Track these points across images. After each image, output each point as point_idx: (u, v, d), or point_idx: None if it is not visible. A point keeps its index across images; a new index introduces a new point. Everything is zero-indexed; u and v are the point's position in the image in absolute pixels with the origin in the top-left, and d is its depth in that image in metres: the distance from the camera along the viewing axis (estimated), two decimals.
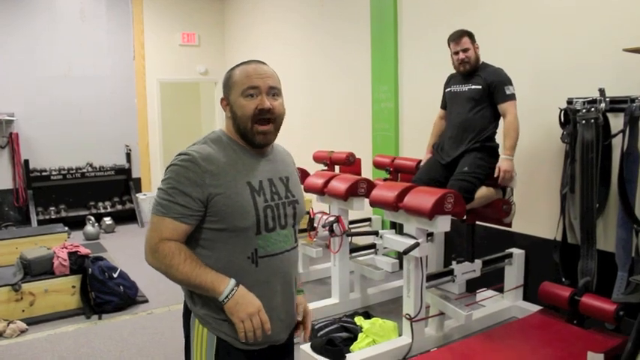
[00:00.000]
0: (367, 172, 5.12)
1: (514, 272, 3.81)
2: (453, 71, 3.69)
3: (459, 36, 3.51)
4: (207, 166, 1.44)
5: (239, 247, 1.48)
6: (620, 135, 3.09)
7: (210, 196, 1.43)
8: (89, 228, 6.59)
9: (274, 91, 1.52)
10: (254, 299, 1.45)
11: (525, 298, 3.84)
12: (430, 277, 3.33)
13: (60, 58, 7.20)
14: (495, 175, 3.40)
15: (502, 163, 3.39)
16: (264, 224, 1.50)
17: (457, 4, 4.36)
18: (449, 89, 3.72)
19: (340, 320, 3.50)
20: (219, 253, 1.48)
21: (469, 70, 3.54)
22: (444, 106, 3.85)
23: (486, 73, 3.49)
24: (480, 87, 3.47)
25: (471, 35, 3.52)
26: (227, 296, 1.42)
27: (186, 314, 1.58)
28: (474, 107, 3.51)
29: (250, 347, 1.52)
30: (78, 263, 4.16)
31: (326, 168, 5.01)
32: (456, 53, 3.53)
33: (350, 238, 3.99)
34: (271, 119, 1.50)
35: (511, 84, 3.42)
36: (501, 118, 3.50)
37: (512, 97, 3.40)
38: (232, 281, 1.44)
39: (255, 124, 1.49)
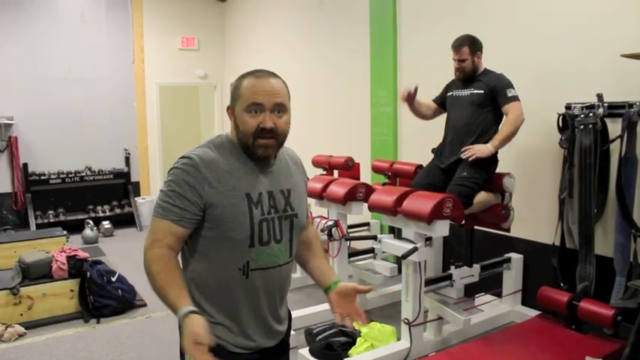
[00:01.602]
0: (366, 176, 5.12)
1: (512, 277, 3.81)
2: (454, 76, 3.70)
3: (459, 45, 3.52)
4: (207, 173, 1.44)
5: (231, 257, 1.48)
6: (618, 140, 3.11)
7: (208, 204, 1.44)
8: (88, 232, 6.58)
9: (279, 108, 1.48)
10: (195, 330, 1.29)
11: (524, 302, 3.85)
12: (429, 282, 3.33)
13: (59, 61, 7.19)
14: (464, 150, 3.41)
15: (480, 145, 3.39)
16: (259, 237, 1.49)
17: (456, 10, 4.38)
18: (450, 93, 3.72)
19: (339, 325, 3.49)
20: (212, 261, 1.49)
21: (462, 77, 3.58)
22: (436, 100, 3.83)
23: (488, 78, 3.51)
24: (482, 92, 3.49)
25: (472, 45, 3.51)
26: (180, 319, 1.35)
27: None
28: (475, 112, 3.52)
29: (243, 351, 1.53)
30: (76, 267, 4.15)
31: (325, 172, 5.01)
32: (454, 60, 3.56)
33: (348, 242, 3.99)
34: (273, 136, 1.48)
35: (513, 87, 3.43)
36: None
37: (514, 98, 3.40)
38: (185, 309, 1.34)
39: (256, 139, 1.47)
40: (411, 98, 3.67)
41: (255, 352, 1.56)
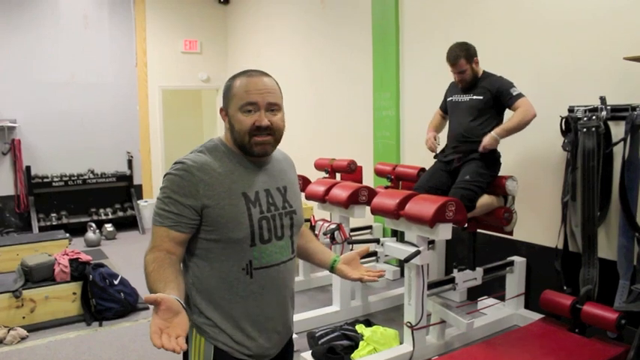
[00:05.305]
0: (368, 179, 5.12)
1: (515, 280, 3.80)
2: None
3: (454, 59, 3.51)
4: (201, 176, 1.44)
5: (233, 258, 1.47)
6: (622, 143, 3.10)
7: (204, 207, 1.43)
8: (90, 235, 6.59)
9: (273, 107, 1.49)
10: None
11: (527, 306, 3.84)
12: (431, 285, 3.32)
13: (63, 64, 7.22)
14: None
15: (485, 138, 3.42)
16: (259, 236, 1.48)
17: (458, 13, 4.38)
18: (450, 98, 3.73)
19: (341, 328, 3.49)
20: (214, 264, 1.48)
21: (466, 86, 3.58)
22: (441, 107, 3.89)
23: (488, 83, 3.50)
24: (482, 97, 3.49)
25: (468, 54, 3.50)
26: None
27: None
28: (477, 117, 3.52)
29: (248, 358, 1.52)
30: (79, 270, 4.16)
31: (327, 175, 5.01)
32: (454, 73, 3.57)
33: (351, 245, 3.99)
34: (270, 133, 1.48)
35: (514, 86, 3.43)
36: None
37: (520, 95, 3.39)
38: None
39: (253, 137, 1.47)
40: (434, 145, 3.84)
41: None
